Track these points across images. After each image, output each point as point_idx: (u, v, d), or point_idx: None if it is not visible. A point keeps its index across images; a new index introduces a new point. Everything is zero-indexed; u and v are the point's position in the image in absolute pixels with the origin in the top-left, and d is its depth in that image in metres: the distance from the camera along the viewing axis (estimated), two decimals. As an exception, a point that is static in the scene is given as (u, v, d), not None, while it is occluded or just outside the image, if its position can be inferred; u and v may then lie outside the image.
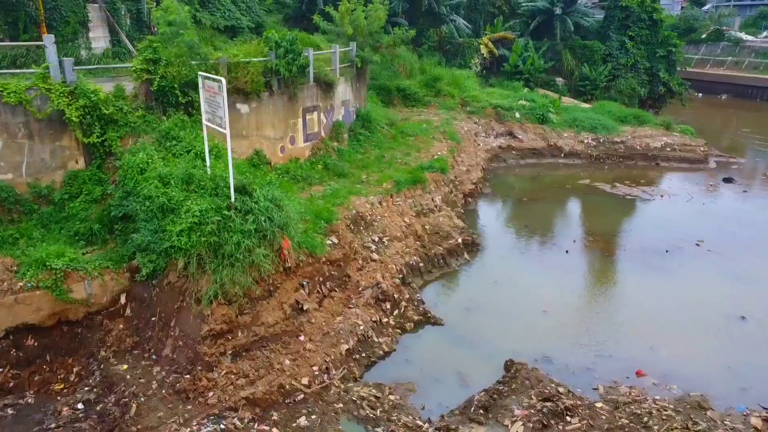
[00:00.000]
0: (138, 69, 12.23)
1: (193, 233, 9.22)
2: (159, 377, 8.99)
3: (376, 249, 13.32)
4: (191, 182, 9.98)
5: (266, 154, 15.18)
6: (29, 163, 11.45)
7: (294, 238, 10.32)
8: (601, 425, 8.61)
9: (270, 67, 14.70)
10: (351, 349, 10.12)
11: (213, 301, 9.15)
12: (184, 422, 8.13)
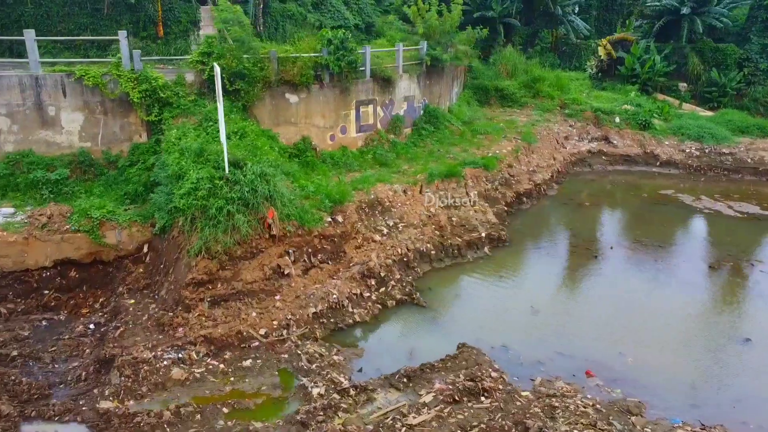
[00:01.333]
0: (194, 60, 14.46)
1: (190, 196, 11.04)
2: (151, 312, 10.95)
3: (388, 232, 14.28)
4: (202, 155, 11.82)
5: (314, 140, 16.77)
6: (104, 135, 14.16)
7: (282, 210, 11.73)
8: (510, 409, 8.93)
9: (320, 62, 16.20)
10: (318, 313, 11.28)
11: (198, 255, 10.89)
12: (151, 347, 9.95)
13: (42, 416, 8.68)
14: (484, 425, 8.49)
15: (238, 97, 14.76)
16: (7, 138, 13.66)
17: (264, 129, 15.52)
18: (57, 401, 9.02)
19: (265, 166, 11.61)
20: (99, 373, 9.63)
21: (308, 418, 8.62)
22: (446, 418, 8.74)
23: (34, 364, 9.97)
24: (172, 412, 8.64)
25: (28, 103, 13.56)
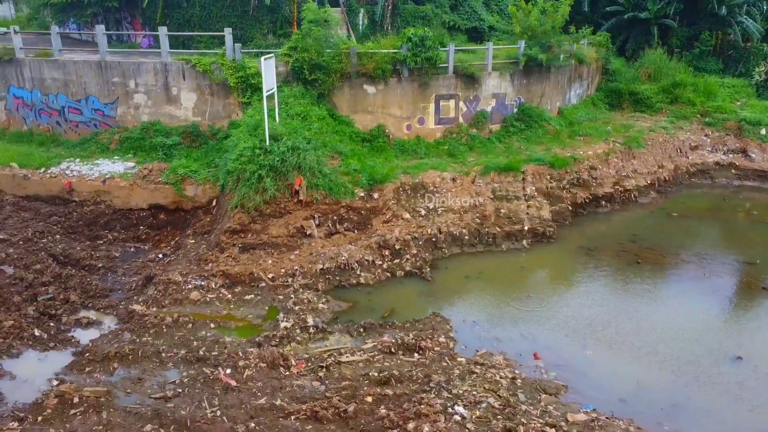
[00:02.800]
0: (283, 53, 17.21)
1: (237, 161, 13.70)
2: (199, 250, 13.84)
3: (426, 214, 15.60)
4: (256, 130, 14.41)
5: (389, 129, 18.59)
6: (210, 112, 17.58)
7: (311, 180, 13.84)
8: (431, 366, 9.98)
9: (398, 58, 17.95)
10: (325, 269, 13.15)
11: (235, 208, 13.51)
12: (184, 274, 12.76)
13: (94, 307, 11.87)
14: (397, 372, 9.68)
15: (316, 85, 17.11)
16: (144, 110, 17.69)
17: (340, 115, 17.71)
18: (109, 301, 12.18)
19: (298, 141, 13.74)
20: (144, 287, 12.65)
21: (264, 341, 10.60)
22: (372, 363, 10.09)
23: (110, 275, 13.36)
24: (173, 319, 11.24)
25: (159, 84, 17.41)
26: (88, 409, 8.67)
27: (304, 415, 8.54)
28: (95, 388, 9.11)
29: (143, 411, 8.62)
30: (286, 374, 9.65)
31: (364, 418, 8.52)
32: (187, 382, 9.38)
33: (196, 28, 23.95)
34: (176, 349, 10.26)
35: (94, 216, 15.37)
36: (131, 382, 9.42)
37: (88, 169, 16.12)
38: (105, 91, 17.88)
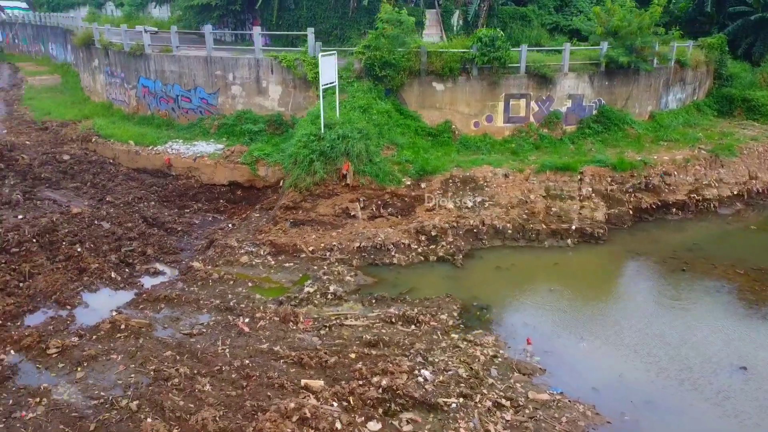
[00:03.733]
0: (357, 51, 18.76)
1: (295, 146, 15.48)
2: (260, 222, 15.79)
3: (472, 206, 16.36)
4: (317, 119, 16.07)
5: (456, 125, 19.45)
6: (292, 103, 19.62)
7: (358, 166, 15.22)
8: (422, 338, 10.90)
9: (467, 57, 18.77)
10: (361, 247, 14.46)
11: (289, 188, 15.28)
12: (239, 240, 14.73)
13: (163, 261, 14.17)
14: (387, 338, 10.74)
15: (385, 81, 18.44)
16: (239, 100, 20.14)
17: (408, 110, 18.89)
18: (176, 257, 14.44)
19: (348, 131, 15.14)
20: (207, 248, 14.79)
21: (285, 300, 12.15)
22: (371, 328, 11.22)
23: (185, 237, 15.67)
24: (219, 276, 13.18)
25: (252, 77, 19.74)
26: (130, 335, 10.70)
27: (292, 361, 9.90)
28: (140, 321, 11.16)
29: (170, 342, 10.49)
30: (293, 329, 11.07)
31: (340, 369, 9.70)
32: (212, 325, 11.15)
33: (302, 28, 26.18)
34: (213, 299, 12.10)
35: (185, 188, 17.92)
36: (170, 320, 11.38)
37: (185, 148, 18.78)
38: (209, 83, 20.55)
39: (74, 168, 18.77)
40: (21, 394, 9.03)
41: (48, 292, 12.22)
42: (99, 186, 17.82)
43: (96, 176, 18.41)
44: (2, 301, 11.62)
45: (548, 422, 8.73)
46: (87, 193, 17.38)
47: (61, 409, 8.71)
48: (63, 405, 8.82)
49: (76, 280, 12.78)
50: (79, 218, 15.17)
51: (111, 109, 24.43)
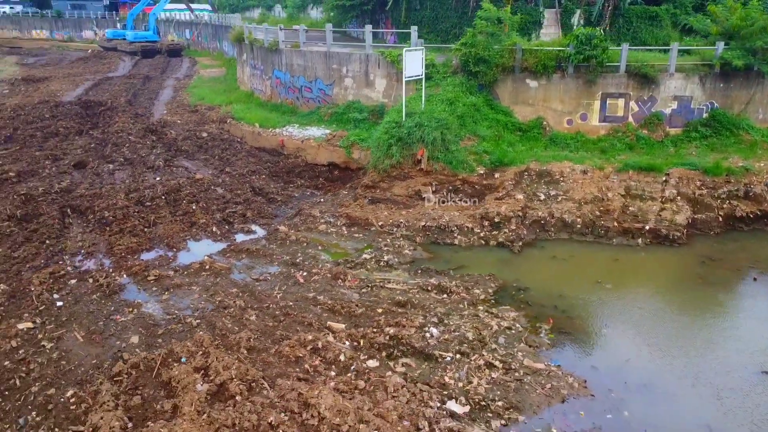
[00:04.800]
0: (455, 48, 20.02)
1: (378, 132, 17.23)
2: (343, 198, 17.76)
3: (544, 199, 16.95)
4: (402, 109, 17.65)
5: (549, 121, 19.93)
6: (394, 95, 21.38)
7: (432, 152, 16.56)
8: (446, 304, 12.07)
9: (562, 55, 19.18)
10: (426, 226, 15.78)
11: (371, 169, 17.06)
12: (322, 212, 16.78)
13: (257, 223, 16.65)
14: (416, 301, 12.06)
15: (478, 77, 19.48)
16: (350, 91, 22.35)
17: (500, 105, 19.75)
18: (269, 221, 16.85)
19: (424, 120, 16.50)
20: (295, 216, 17.02)
21: (343, 263, 13.92)
22: (407, 293, 12.57)
23: (282, 207, 18.09)
24: (296, 238, 15.32)
25: (362, 71, 21.84)
26: (211, 274, 13.12)
27: (326, 307, 11.61)
28: (222, 265, 13.57)
29: (239, 283, 12.73)
30: (340, 285, 12.77)
31: (363, 319, 11.21)
32: (276, 275, 13.23)
33: (426, 28, 27.91)
34: (284, 256, 14.21)
35: (292, 166, 20.45)
36: (245, 267, 13.66)
37: (298, 131, 21.35)
38: (327, 75, 22.99)
39: (208, 143, 22.19)
40: (121, 305, 11.71)
41: (163, 237, 15.11)
42: (223, 159, 20.96)
43: (224, 151, 21.63)
44: (129, 240, 14.68)
45: (531, 386, 9.49)
46: (213, 164, 20.57)
47: (144, 318, 11.21)
48: (146, 315, 11.32)
49: (186, 230, 15.60)
50: (199, 183, 18.21)
51: (252, 96, 28.00)
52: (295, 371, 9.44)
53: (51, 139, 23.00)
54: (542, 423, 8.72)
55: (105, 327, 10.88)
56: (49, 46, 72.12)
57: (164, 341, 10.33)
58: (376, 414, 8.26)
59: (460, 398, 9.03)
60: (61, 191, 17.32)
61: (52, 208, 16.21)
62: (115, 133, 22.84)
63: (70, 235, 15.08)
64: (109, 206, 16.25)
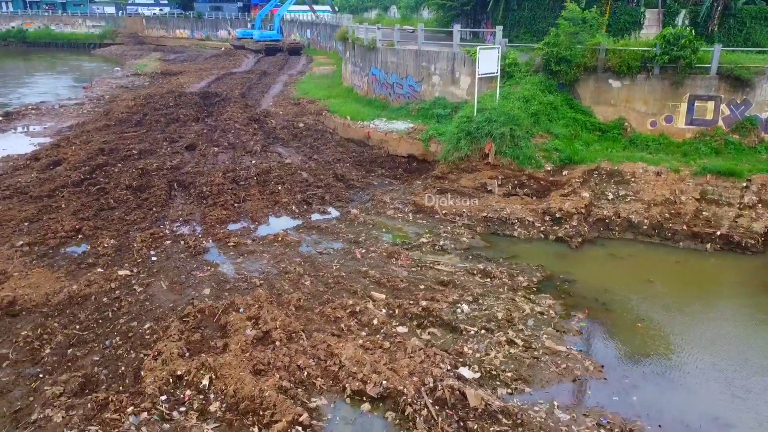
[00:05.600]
0: (538, 48, 20.42)
1: (451, 126, 18.15)
2: (418, 188, 18.85)
3: (613, 198, 17.03)
4: (478, 104, 18.40)
5: (631, 122, 19.76)
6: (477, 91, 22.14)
7: (500, 147, 17.20)
8: (487, 287, 12.83)
9: (647, 55, 18.97)
10: (487, 217, 16.47)
11: (441, 161, 18.03)
12: (392, 199, 17.99)
13: (333, 205, 18.18)
14: (458, 282, 12.92)
15: (559, 76, 19.75)
16: (436, 88, 23.39)
17: (580, 104, 19.89)
18: (344, 204, 18.30)
19: (494, 116, 17.14)
20: (368, 201, 18.36)
21: (400, 245, 15.03)
22: (452, 274, 13.45)
23: (360, 193, 19.44)
24: (363, 220, 16.62)
25: (448, 69, 22.79)
26: (282, 245, 14.74)
27: (374, 280, 12.78)
28: (293, 238, 15.18)
29: (304, 254, 14.23)
30: (392, 263, 13.89)
31: (404, 293, 12.25)
32: (338, 250, 14.60)
33: (522, 28, 28.27)
34: (349, 235, 15.55)
35: (375, 157, 21.83)
36: (313, 242, 15.17)
37: (384, 125, 22.70)
38: (417, 72, 24.15)
39: (302, 133, 24.17)
40: (202, 264, 13.61)
41: (249, 212, 17.02)
42: (314, 147, 22.78)
43: (315, 140, 23.48)
44: (219, 212, 16.72)
45: (546, 364, 10.06)
46: (303, 151, 22.45)
47: (217, 276, 13.00)
48: (220, 274, 13.11)
49: (269, 207, 17.43)
50: (287, 167, 20.09)
51: (351, 92, 29.81)
52: (331, 328, 10.67)
53: (172, 124, 26.10)
54: (546, 396, 9.27)
55: (185, 280, 12.76)
56: (189, 44, 79.53)
57: (229, 295, 11.98)
58: (389, 368, 9.29)
59: (473, 366, 9.80)
60: (171, 168, 19.88)
61: (162, 181, 18.71)
62: (224, 121, 25.49)
63: (173, 205, 17.41)
64: (208, 183, 18.48)
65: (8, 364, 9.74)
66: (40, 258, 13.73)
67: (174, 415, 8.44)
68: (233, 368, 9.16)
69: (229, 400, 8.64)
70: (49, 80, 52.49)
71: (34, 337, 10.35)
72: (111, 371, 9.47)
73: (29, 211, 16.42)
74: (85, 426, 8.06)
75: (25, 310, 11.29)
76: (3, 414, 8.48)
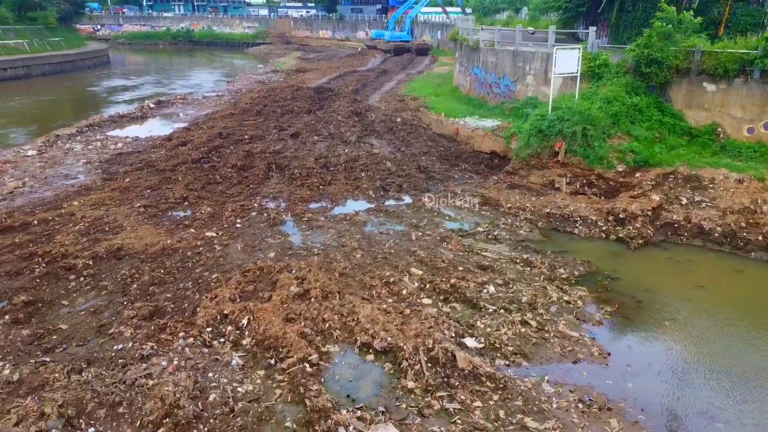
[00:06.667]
0: (629, 49, 20.22)
1: (527, 125, 18.71)
2: (491, 182, 19.62)
3: (686, 204, 16.70)
4: (559, 102, 18.75)
5: (725, 128, 18.98)
6: (564, 92, 22.33)
7: (570, 146, 17.50)
8: (524, 273, 13.52)
9: (746, 59, 18.15)
10: (550, 213, 16.86)
11: (515, 157, 18.67)
12: (462, 191, 18.89)
13: (409, 194, 19.48)
14: (498, 267, 13.69)
15: (648, 78, 19.46)
16: (530, 88, 23.84)
17: (670, 107, 19.44)
18: (420, 193, 19.51)
19: (566, 115, 17.43)
20: (442, 191, 19.46)
21: (455, 232, 15.96)
22: (497, 260, 14.20)
23: (438, 184, 20.58)
24: (430, 207, 17.75)
25: (541, 69, 23.17)
26: (349, 223, 16.32)
27: (418, 259, 13.96)
28: (361, 218, 16.71)
29: (365, 232, 15.64)
30: (443, 246, 14.94)
31: (442, 271, 13.29)
32: (397, 231, 15.90)
33: (636, 29, 27.58)
34: (412, 219, 16.75)
35: (461, 152, 22.78)
36: (378, 223, 16.52)
37: (473, 122, 23.57)
38: (513, 72, 24.70)
39: (398, 127, 25.68)
40: (275, 233, 15.54)
41: (331, 194, 18.84)
42: (405, 140, 24.20)
43: (408, 134, 24.88)
44: (305, 192, 18.71)
45: (552, 345, 10.66)
46: (394, 143, 23.95)
47: (285, 243, 14.83)
48: (287, 242, 14.95)
49: (349, 191, 19.12)
50: (374, 156, 21.71)
51: (455, 91, 30.86)
52: (363, 293, 12.02)
53: (286, 115, 28.87)
54: (541, 371, 9.92)
55: (257, 244, 14.75)
56: (330, 44, 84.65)
57: (289, 259, 13.76)
58: (398, 328, 10.46)
59: (480, 338, 10.67)
60: (273, 152, 22.33)
61: (263, 163, 21.16)
62: (329, 113, 27.72)
63: (267, 184, 19.71)
64: (300, 166, 20.62)
65: (105, 293, 12.19)
66: (150, 218, 16.46)
67: (214, 344, 10.26)
68: (268, 313, 10.83)
69: (258, 338, 10.30)
70: (204, 74, 59.08)
71: (128, 276, 12.78)
72: (176, 306, 11.56)
73: (152, 181, 19.48)
74: (144, 341, 10.12)
75: (128, 255, 13.85)
76: (92, 326, 10.82)
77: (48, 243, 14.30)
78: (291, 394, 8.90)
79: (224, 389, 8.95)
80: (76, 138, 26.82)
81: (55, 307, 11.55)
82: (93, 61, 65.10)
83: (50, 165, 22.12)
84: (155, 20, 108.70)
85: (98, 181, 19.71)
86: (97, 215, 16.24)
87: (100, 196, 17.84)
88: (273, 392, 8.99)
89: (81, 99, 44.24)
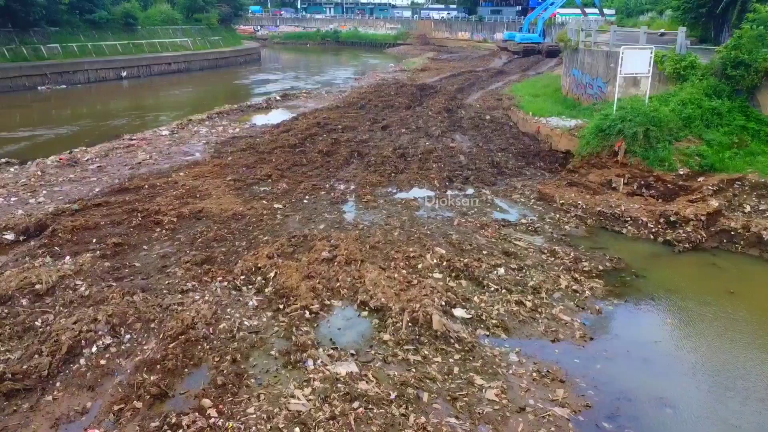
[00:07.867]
0: (718, 50, 19.45)
1: (591, 124, 18.86)
2: (552, 179, 19.96)
3: (750, 211, 16.04)
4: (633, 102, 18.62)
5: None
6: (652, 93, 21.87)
7: (630, 146, 17.44)
8: (544, 262, 14.11)
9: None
10: (600, 212, 16.96)
11: (576, 155, 18.91)
12: (521, 186, 19.46)
13: (473, 186, 20.41)
14: (521, 255, 14.33)
15: (734, 80, 18.64)
16: (620, 89, 23.55)
17: (758, 112, 18.50)
18: (482, 186, 20.35)
19: (630, 114, 17.33)
20: (505, 185, 20.13)
21: (498, 221, 16.74)
22: (523, 249, 14.88)
23: (507, 180, 21.19)
24: (485, 198, 18.61)
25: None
26: (403, 207, 17.74)
27: (449, 241, 15.01)
28: (414, 203, 18.09)
29: (412, 216, 16.90)
30: (480, 232, 15.82)
31: (465, 253, 14.29)
32: (444, 218, 17.03)
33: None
34: (463, 208, 17.80)
35: (538, 150, 23.13)
36: (429, 209, 17.81)
37: (556, 121, 23.76)
38: (606, 73, 24.46)
39: (484, 124, 26.46)
40: (334, 210, 17.31)
41: (400, 181, 20.32)
42: (487, 137, 24.96)
43: (492, 131, 25.60)
44: (375, 178, 20.35)
45: (537, 323, 11.33)
46: (475, 139, 24.80)
47: (337, 219, 16.58)
48: (341, 218, 16.67)
49: (417, 180, 20.43)
50: (449, 150, 22.83)
51: (556, 92, 30.82)
52: (382, 263, 13.43)
53: (386, 109, 30.78)
54: (515, 344, 10.65)
55: (314, 217, 16.64)
56: (467, 45, 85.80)
57: (333, 230, 15.50)
58: (396, 293, 11.75)
59: (470, 310, 11.65)
60: (358, 141, 24.28)
61: (346, 150, 23.18)
62: (423, 108, 29.13)
63: (346, 169, 21.67)
64: (378, 155, 22.33)
65: (177, 243, 14.74)
66: (236, 190, 19.06)
67: (243, 289, 12.28)
68: (292, 270, 12.65)
69: (277, 287, 12.15)
70: (340, 71, 63.26)
71: (199, 232, 15.27)
72: (226, 258, 13.76)
73: (250, 160, 22.27)
74: (189, 280, 12.39)
75: (205, 217, 16.40)
76: (157, 266, 13.32)
77: (149, 202, 17.29)
78: (285, 331, 10.57)
79: (234, 321, 10.86)
80: (205, 123, 30.82)
81: (136, 250, 14.24)
82: (245, 58, 72.23)
83: (176, 144, 25.91)
84: (307, 21, 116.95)
85: (207, 158, 22.87)
86: (194, 185, 19.13)
87: (202, 170, 20.85)
88: (272, 328, 10.74)
89: (227, 90, 49.75)
